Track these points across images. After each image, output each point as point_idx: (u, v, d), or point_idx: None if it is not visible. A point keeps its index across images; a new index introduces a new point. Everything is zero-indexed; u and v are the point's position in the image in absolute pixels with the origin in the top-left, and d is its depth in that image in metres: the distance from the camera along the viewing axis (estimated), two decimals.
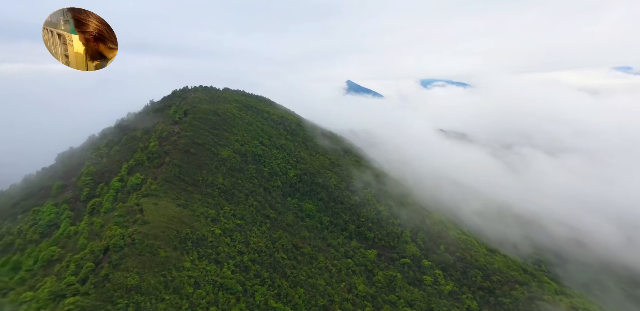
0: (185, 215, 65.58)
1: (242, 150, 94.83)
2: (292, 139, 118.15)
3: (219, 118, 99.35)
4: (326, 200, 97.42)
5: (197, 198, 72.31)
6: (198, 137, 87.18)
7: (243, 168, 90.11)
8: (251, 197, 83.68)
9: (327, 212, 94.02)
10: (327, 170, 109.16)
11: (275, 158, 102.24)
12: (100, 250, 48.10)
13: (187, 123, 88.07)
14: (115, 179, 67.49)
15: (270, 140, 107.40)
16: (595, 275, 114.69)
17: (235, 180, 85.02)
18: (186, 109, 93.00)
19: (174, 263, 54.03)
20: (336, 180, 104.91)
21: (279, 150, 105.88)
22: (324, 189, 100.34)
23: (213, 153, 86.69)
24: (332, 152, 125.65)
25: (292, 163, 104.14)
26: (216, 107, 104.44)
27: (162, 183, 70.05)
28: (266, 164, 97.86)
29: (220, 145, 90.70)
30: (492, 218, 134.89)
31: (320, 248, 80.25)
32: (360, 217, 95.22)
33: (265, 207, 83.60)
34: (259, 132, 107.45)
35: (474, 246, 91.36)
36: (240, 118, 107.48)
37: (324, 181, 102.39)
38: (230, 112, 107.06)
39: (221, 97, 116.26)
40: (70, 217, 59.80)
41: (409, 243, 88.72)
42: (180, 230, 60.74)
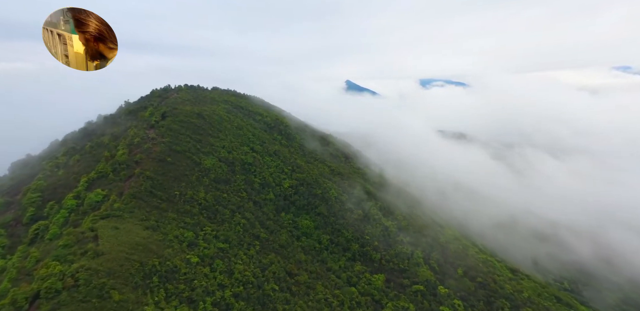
0: (154, 241, 53.60)
1: (229, 158, 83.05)
2: (288, 144, 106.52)
3: (204, 122, 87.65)
4: (325, 214, 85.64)
5: (171, 218, 60.36)
6: (177, 143, 75.40)
7: (230, 179, 78.27)
8: (238, 214, 71.80)
9: (326, 229, 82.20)
10: (326, 179, 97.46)
11: (267, 166, 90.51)
12: (26, 299, 36.09)
13: (164, 128, 76.34)
14: (70, 196, 55.54)
15: (263, 146, 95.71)
16: (626, 294, 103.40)
17: (220, 194, 73.14)
18: (165, 111, 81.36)
19: (131, 308, 42.06)
20: (337, 192, 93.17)
21: (272, 158, 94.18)
22: (323, 202, 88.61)
23: (194, 162, 74.88)
24: (332, 159, 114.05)
25: (287, 172, 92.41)
26: (201, 108, 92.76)
27: (128, 201, 58.12)
28: (257, 174, 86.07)
29: (204, 152, 78.90)
30: (506, 230, 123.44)
31: (318, 274, 68.30)
32: (364, 234, 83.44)
33: (254, 226, 71.71)
34: (249, 136, 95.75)
35: (497, 268, 79.59)
36: (228, 121, 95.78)
37: (323, 193, 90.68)
38: (218, 114, 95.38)
39: (208, 98, 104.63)
40: (4, 246, 47.82)
41: (421, 265, 76.85)
42: (146, 261, 48.75)
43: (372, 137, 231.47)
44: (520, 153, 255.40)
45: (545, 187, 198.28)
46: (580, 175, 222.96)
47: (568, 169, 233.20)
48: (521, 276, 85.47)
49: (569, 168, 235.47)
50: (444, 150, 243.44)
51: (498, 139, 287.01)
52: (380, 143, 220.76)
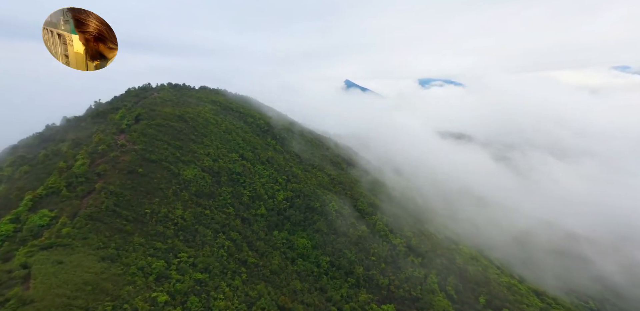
0: (111, 276, 42.62)
1: (214, 167, 72.22)
2: (283, 150, 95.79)
3: (186, 126, 76.87)
4: (325, 231, 74.91)
5: (138, 243, 49.40)
6: (152, 151, 64.53)
7: (214, 192, 67.40)
8: (222, 234, 60.93)
9: (325, 249, 71.41)
10: (326, 190, 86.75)
11: (259, 176, 79.72)
12: None
13: (137, 133, 65.53)
14: (6, 219, 44.58)
15: (254, 153, 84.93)
16: None
17: (202, 211, 62.27)
18: (140, 113, 70.58)
19: None
20: (338, 204, 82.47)
21: (264, 166, 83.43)
22: (322, 217, 77.91)
23: (172, 173, 64.02)
24: (332, 166, 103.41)
25: (282, 182, 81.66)
26: (184, 110, 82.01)
27: (82, 223, 47.20)
28: (247, 185, 75.28)
29: (184, 161, 68.06)
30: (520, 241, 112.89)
31: (317, 307, 57.40)
32: (369, 254, 72.73)
33: (241, 248, 60.83)
34: (239, 142, 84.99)
35: (523, 295, 68.86)
36: (215, 124, 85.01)
37: (322, 206, 79.96)
38: (203, 116, 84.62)
39: (194, 98, 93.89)
40: None
41: (436, 292, 66.06)
42: (94, 307, 37.81)
43: (372, 138, 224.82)
44: (525, 155, 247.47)
45: (554, 192, 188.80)
46: (590, 178, 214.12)
47: (576, 172, 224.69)
48: (548, 301, 74.79)
49: (576, 171, 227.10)
50: (446, 152, 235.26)
51: (499, 140, 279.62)
52: (381, 146, 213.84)
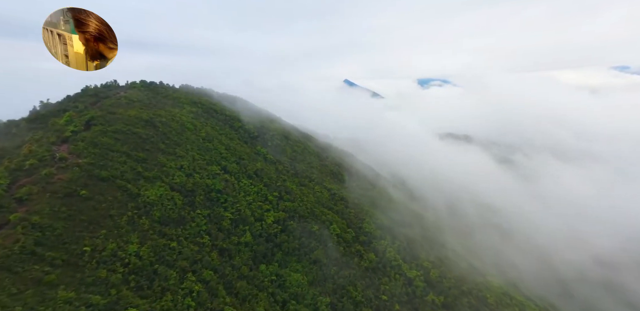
0: None
1: (187, 184, 58.09)
2: (275, 160, 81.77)
3: (155, 132, 62.79)
4: (324, 263, 60.88)
5: (62, 300, 35.14)
6: (104, 165, 50.36)
7: (184, 217, 53.23)
8: (192, 274, 46.76)
9: (325, 286, 57.38)
10: (325, 208, 72.77)
11: (245, 194, 65.62)
12: None
13: (86, 142, 51.49)
14: None
15: (240, 165, 70.85)
16: None
17: (166, 243, 48.11)
18: (93, 117, 56.46)
19: None
20: (340, 226, 68.51)
21: (252, 181, 69.36)
22: (321, 243, 63.90)
23: (130, 194, 49.85)
24: (332, 177, 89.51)
25: (272, 200, 67.59)
26: (155, 113, 67.96)
27: None
28: (229, 205, 61.16)
29: (148, 178, 53.93)
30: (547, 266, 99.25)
31: None
32: (380, 292, 58.75)
33: (216, 293, 46.66)
34: (221, 151, 70.93)
35: None
36: (193, 130, 70.97)
37: (321, 229, 65.98)
38: (179, 120, 70.57)
39: (170, 98, 79.85)
40: None
41: None
42: None
43: (372, 141, 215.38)
44: (529, 158, 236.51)
45: (565, 197, 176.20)
46: (598, 181, 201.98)
47: (580, 175, 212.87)
48: None
49: (581, 173, 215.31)
50: (449, 156, 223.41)
51: (500, 141, 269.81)
52: (381, 149, 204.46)
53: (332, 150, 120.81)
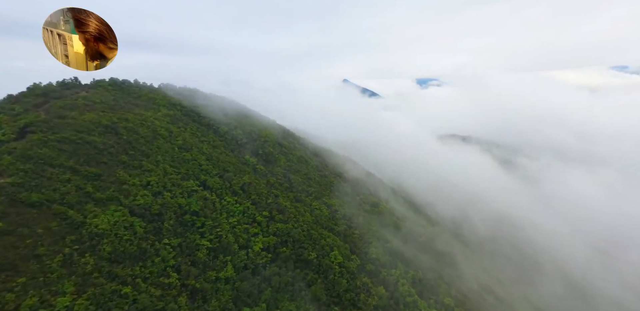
0: None
1: (153, 206, 46.52)
2: (266, 171, 70.32)
3: (117, 140, 51.29)
4: (324, 301, 49.43)
5: None
6: (36, 186, 38.77)
7: (145, 251, 41.61)
8: None
9: None
10: (325, 229, 61.34)
11: (228, 214, 54.12)
12: None
13: (14, 155, 39.90)
14: None
15: (223, 179, 59.33)
16: None
17: (117, 288, 36.48)
18: (30, 122, 44.88)
19: None
20: (343, 253, 57.06)
21: (237, 198, 57.83)
22: (319, 275, 52.48)
23: (70, 224, 38.23)
24: (333, 190, 78.07)
25: (262, 222, 56.10)
26: (120, 116, 56.42)
27: None
28: (207, 231, 49.62)
29: (100, 200, 42.35)
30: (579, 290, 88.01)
31: None
32: None
33: None
34: (201, 162, 59.40)
35: None
36: (168, 137, 59.44)
37: (319, 257, 54.57)
38: (150, 126, 58.99)
39: (144, 99, 68.30)
40: None
41: None
42: None
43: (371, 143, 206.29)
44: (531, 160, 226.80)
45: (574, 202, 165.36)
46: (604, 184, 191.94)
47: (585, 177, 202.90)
48: None
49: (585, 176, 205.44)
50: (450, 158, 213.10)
51: (501, 142, 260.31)
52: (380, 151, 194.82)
53: (332, 156, 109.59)
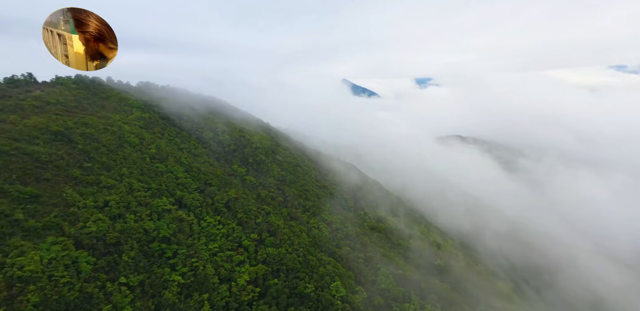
0: None
1: (109, 234, 37.15)
2: (257, 184, 61.00)
3: (67, 151, 42.00)
4: None
5: None
6: None
7: (90, 297, 32.17)
8: None
9: None
10: (325, 254, 52.11)
11: (208, 239, 44.80)
12: None
13: None
14: None
15: (204, 194, 50.02)
16: None
17: None
18: None
19: None
20: (346, 283, 47.81)
21: (221, 217, 48.49)
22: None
23: None
24: (334, 202, 68.79)
25: (249, 246, 46.82)
26: (78, 120, 47.14)
27: None
28: (180, 262, 40.24)
29: (31, 229, 32.91)
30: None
31: None
32: None
33: None
34: (178, 174, 50.07)
35: None
36: (138, 146, 50.07)
37: (317, 290, 45.29)
38: (116, 131, 49.63)
39: (114, 100, 58.85)
40: None
41: None
42: None
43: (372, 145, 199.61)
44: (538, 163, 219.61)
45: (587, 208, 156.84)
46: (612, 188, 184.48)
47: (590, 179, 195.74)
48: None
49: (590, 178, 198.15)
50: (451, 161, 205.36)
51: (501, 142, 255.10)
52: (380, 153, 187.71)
53: (331, 162, 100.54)
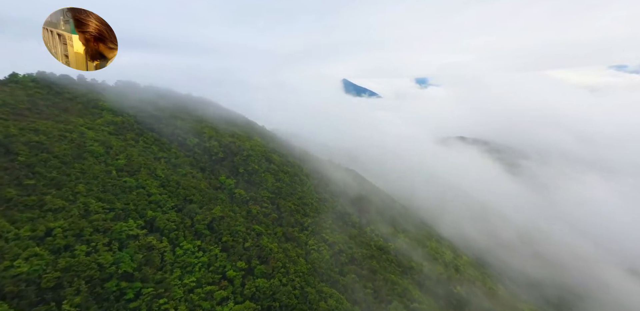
0: None
1: (47, 273, 28.76)
2: (248, 198, 52.66)
3: (4, 165, 33.87)
4: None
5: None
6: None
7: None
8: None
9: None
10: (325, 284, 43.58)
11: (183, 270, 36.35)
12: None
13: None
14: None
15: (183, 213, 41.68)
16: None
17: None
18: None
19: None
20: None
21: (202, 242, 40.02)
22: None
23: None
24: (335, 220, 60.26)
25: (235, 278, 38.32)
26: (27, 125, 38.89)
27: None
28: (144, 305, 31.79)
29: None
30: None
31: None
32: None
33: None
34: (151, 189, 41.69)
35: None
36: (103, 156, 41.77)
37: None
38: (76, 139, 41.37)
39: (80, 101, 50.80)
40: None
41: None
42: None
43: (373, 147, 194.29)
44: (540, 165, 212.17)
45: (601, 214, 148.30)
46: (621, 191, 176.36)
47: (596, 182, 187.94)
48: None
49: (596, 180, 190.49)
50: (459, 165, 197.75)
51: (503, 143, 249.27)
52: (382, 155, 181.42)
53: (333, 169, 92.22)
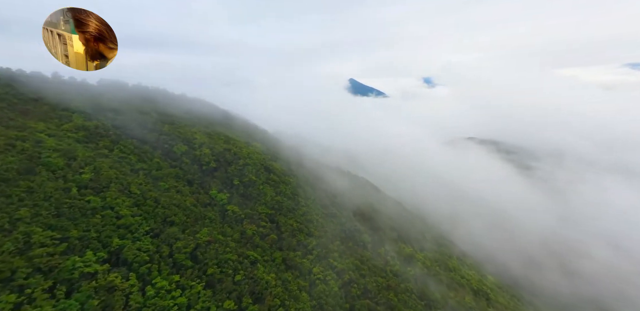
0: None
1: None
2: (242, 215, 44.74)
3: None
4: None
5: None
6: None
7: None
8: None
9: None
10: None
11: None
12: None
13: None
14: None
15: (159, 241, 33.76)
16: None
17: None
18: None
19: None
20: None
21: (181, 278, 31.96)
22: None
23: None
24: (344, 241, 51.91)
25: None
26: None
27: None
28: None
29: None
30: None
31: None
32: None
33: None
34: (121, 211, 33.87)
35: None
36: (59, 170, 34.07)
37: None
38: (28, 149, 33.93)
39: (44, 103, 43.36)
40: None
41: None
42: None
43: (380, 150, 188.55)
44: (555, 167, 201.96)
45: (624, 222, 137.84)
46: None
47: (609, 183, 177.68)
48: None
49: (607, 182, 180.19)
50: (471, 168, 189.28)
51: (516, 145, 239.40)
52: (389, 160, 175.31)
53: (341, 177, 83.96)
